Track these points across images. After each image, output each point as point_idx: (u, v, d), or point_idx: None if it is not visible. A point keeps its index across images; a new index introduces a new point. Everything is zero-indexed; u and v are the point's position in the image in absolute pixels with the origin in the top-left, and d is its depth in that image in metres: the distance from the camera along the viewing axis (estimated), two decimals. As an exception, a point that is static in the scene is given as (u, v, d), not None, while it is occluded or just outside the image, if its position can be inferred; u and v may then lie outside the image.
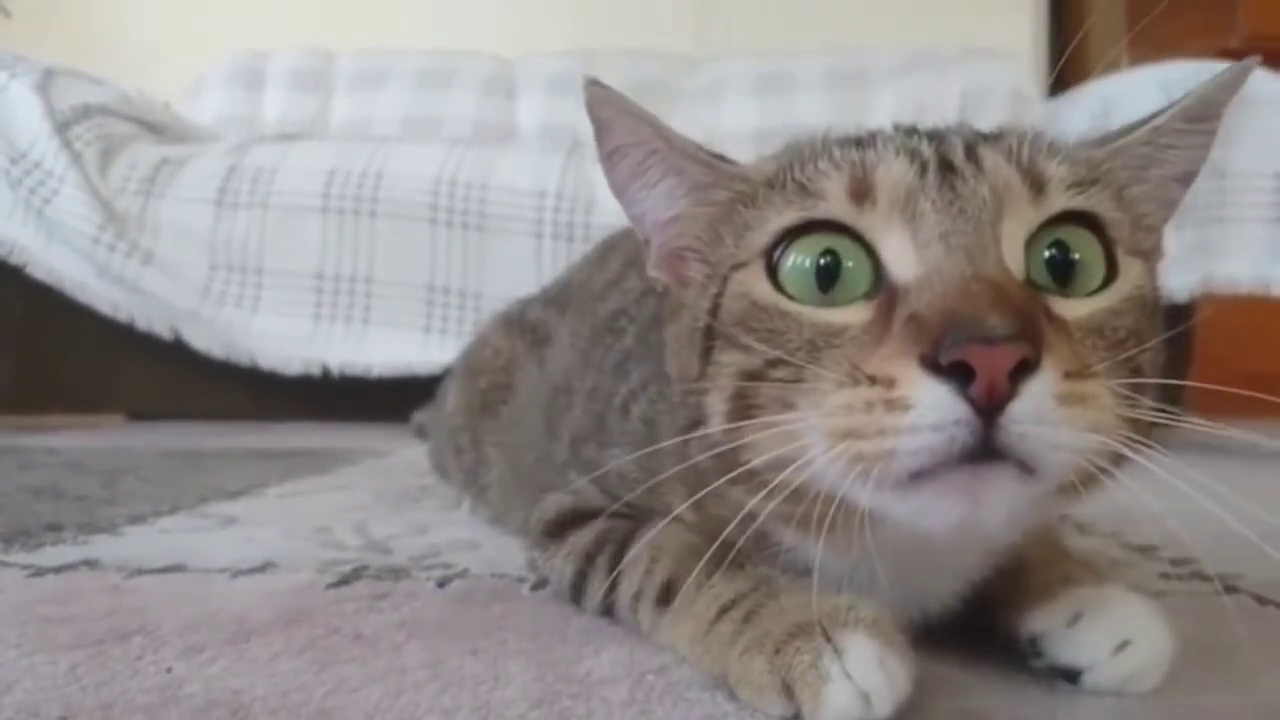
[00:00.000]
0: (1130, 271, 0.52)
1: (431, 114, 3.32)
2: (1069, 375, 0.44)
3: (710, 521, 0.62)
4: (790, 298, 0.52)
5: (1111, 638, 0.54)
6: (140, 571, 0.82)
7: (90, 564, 0.85)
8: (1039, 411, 0.43)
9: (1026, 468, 0.44)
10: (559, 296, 1.11)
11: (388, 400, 2.19)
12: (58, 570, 0.82)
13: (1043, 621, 0.57)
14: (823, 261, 0.51)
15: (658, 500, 0.63)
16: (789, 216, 0.53)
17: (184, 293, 2.43)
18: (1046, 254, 0.50)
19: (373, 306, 2.45)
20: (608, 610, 0.66)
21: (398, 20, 3.70)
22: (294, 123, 3.31)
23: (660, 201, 0.60)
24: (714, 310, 0.55)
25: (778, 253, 0.53)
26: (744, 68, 3.27)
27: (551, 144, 2.70)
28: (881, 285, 0.50)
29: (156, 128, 2.76)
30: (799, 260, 0.52)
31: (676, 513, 0.62)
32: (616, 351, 0.80)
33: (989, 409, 0.43)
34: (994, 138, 0.54)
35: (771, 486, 0.49)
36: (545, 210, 2.39)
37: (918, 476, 0.45)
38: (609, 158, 0.60)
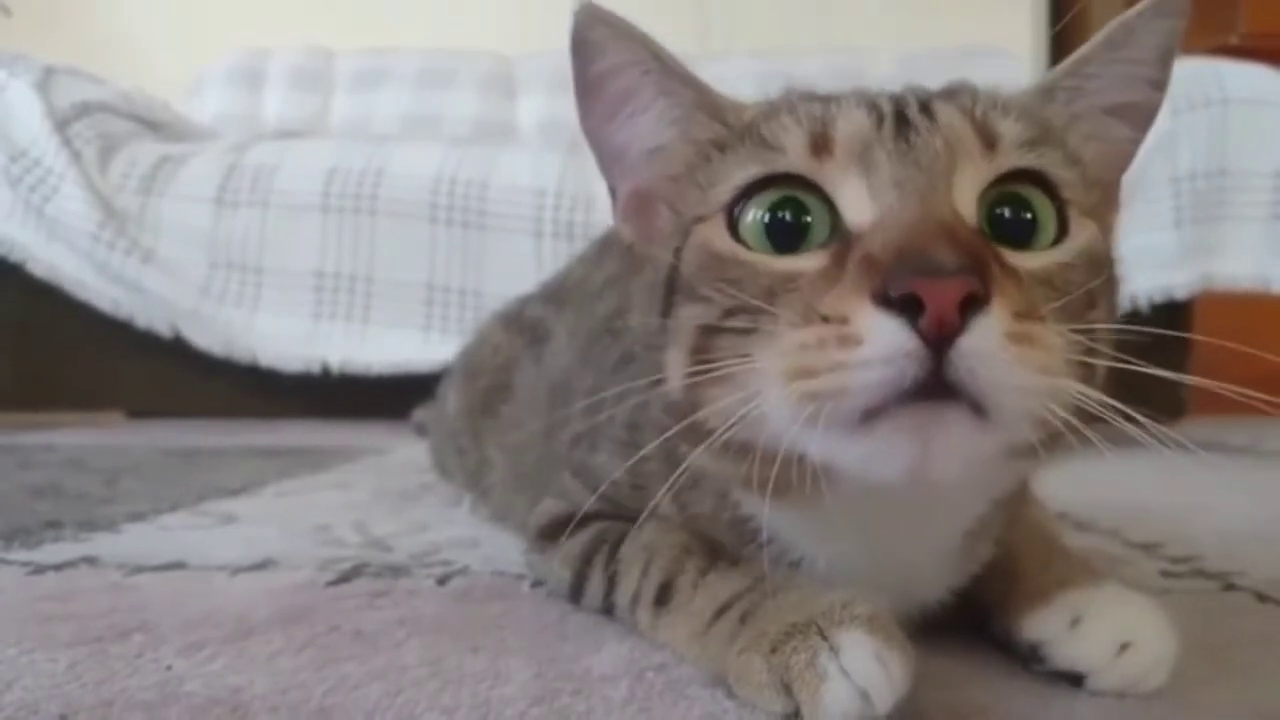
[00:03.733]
0: (1083, 232, 0.52)
1: (431, 113, 3.32)
2: (1019, 316, 0.44)
3: (694, 519, 0.62)
4: (750, 250, 0.52)
5: (1113, 640, 0.53)
6: (140, 569, 0.82)
7: (90, 561, 0.85)
8: (988, 348, 0.43)
9: (979, 409, 0.44)
10: (557, 293, 1.11)
11: (387, 398, 2.19)
12: (57, 568, 0.82)
13: (1042, 628, 0.56)
14: (783, 215, 0.52)
15: (647, 500, 0.63)
16: (751, 170, 0.53)
17: (184, 291, 2.43)
18: (1001, 211, 0.51)
19: (373, 305, 2.45)
20: (607, 610, 0.66)
21: (398, 19, 3.70)
22: (294, 121, 3.31)
23: (648, 128, 0.59)
24: (675, 263, 0.55)
25: (739, 208, 0.53)
26: (744, 66, 3.26)
27: (551, 142, 2.70)
28: (838, 233, 0.50)
29: (156, 126, 2.76)
30: (758, 214, 0.53)
31: (653, 492, 0.61)
32: (615, 351, 0.80)
33: (938, 342, 0.43)
34: (949, 94, 0.55)
35: (723, 437, 0.49)
36: (545, 209, 2.39)
37: (869, 416, 0.45)
38: (595, 83, 0.58)
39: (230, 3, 3.77)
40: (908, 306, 0.43)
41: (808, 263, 0.50)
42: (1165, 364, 0.53)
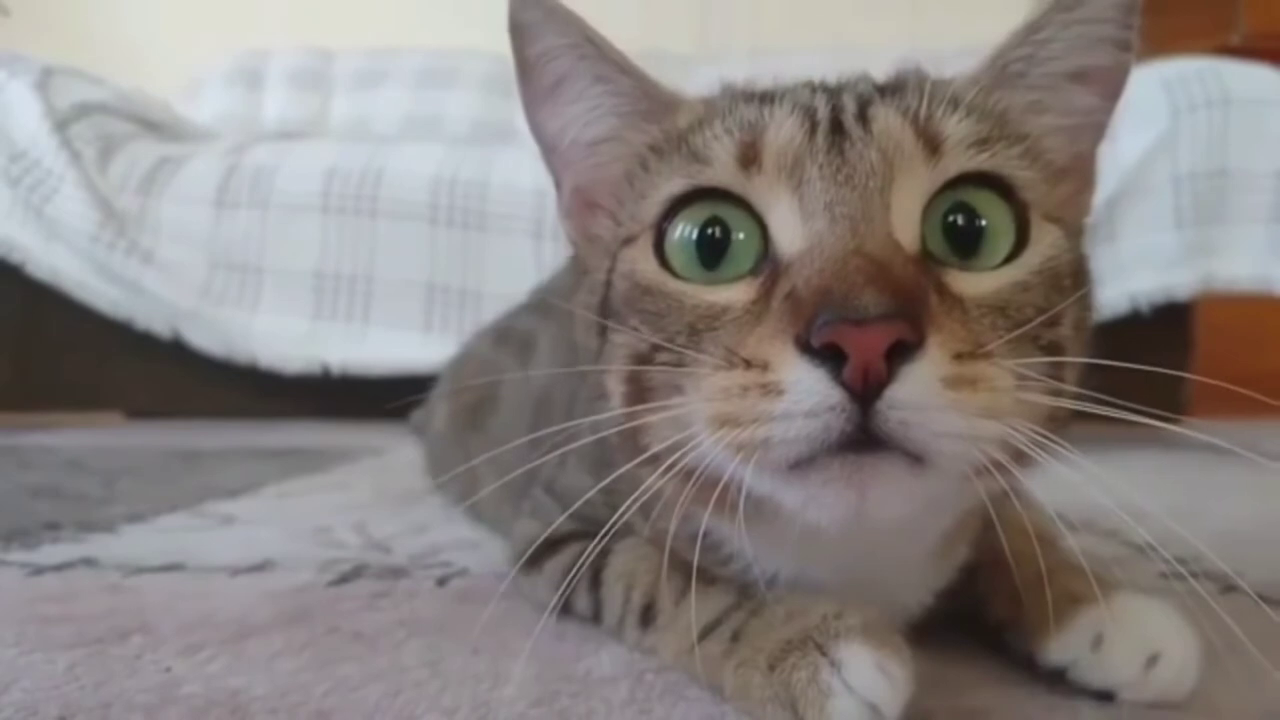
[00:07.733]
0: (1043, 239, 0.49)
1: (431, 113, 3.32)
2: (959, 356, 0.42)
3: (663, 534, 0.60)
4: (676, 274, 0.50)
5: (1141, 654, 0.52)
6: (139, 570, 0.82)
7: (89, 563, 0.85)
8: (921, 397, 0.41)
9: (915, 457, 0.42)
10: (543, 302, 1.10)
11: (387, 399, 2.19)
12: (56, 569, 0.82)
13: (1064, 652, 0.54)
14: (710, 232, 0.49)
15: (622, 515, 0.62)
16: (677, 184, 0.51)
17: (184, 292, 2.43)
18: (951, 219, 0.48)
19: (372, 306, 2.45)
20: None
21: (398, 19, 3.70)
22: (294, 122, 3.31)
23: (583, 116, 0.57)
24: (607, 288, 0.53)
25: (668, 222, 0.51)
26: (744, 67, 3.27)
27: (551, 143, 2.69)
28: (769, 258, 0.48)
29: (155, 126, 2.76)
30: (685, 231, 0.50)
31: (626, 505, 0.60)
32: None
33: (864, 394, 0.40)
34: (893, 91, 0.51)
35: (671, 469, 0.47)
36: (545, 209, 2.39)
37: (800, 465, 0.43)
38: (530, 66, 0.56)
39: (230, 3, 3.77)
40: (831, 355, 0.40)
41: (734, 295, 0.48)
42: (1166, 365, 0.52)
